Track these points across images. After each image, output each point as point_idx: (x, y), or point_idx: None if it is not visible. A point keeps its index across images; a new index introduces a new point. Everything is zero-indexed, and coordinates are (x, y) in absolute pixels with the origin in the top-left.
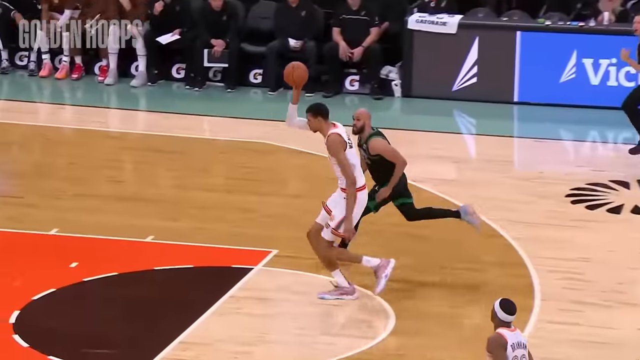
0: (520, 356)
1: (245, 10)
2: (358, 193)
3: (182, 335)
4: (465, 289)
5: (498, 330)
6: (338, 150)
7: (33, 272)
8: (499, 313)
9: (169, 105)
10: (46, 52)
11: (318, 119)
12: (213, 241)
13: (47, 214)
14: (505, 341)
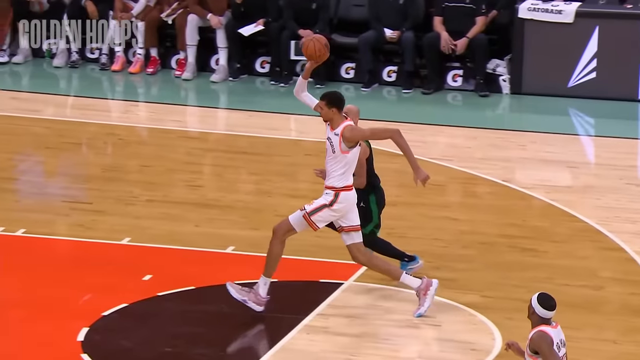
0: (562, 355)
1: None
2: (345, 192)
3: (266, 356)
4: (581, 308)
5: (541, 327)
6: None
7: (103, 285)
8: (538, 309)
9: (252, 103)
10: (119, 44)
11: (333, 110)
12: (299, 253)
13: (118, 221)
14: (551, 339)
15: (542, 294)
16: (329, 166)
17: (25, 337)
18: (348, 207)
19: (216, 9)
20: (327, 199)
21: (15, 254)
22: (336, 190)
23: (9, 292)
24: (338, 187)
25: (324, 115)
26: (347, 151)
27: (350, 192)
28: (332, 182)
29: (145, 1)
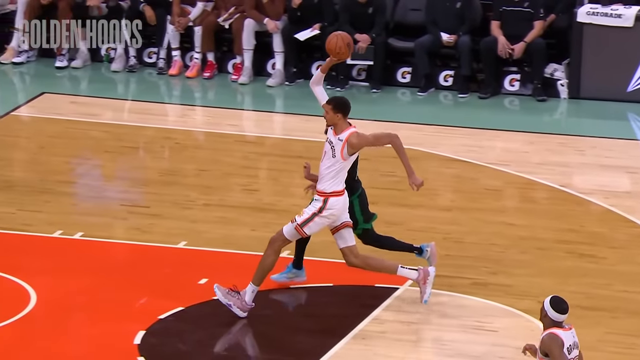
0: (573, 357)
1: (393, 2)
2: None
3: None
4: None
5: (552, 330)
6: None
7: (159, 289)
8: (550, 312)
9: (308, 107)
10: (176, 49)
11: (338, 115)
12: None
13: (174, 225)
14: (561, 341)
15: (554, 297)
16: (323, 169)
17: (83, 339)
18: (339, 212)
19: (273, 14)
20: (316, 205)
21: (73, 257)
22: (325, 196)
23: (68, 295)
24: (328, 192)
25: (328, 119)
26: (347, 158)
27: (340, 197)
28: (323, 187)
29: (202, 6)
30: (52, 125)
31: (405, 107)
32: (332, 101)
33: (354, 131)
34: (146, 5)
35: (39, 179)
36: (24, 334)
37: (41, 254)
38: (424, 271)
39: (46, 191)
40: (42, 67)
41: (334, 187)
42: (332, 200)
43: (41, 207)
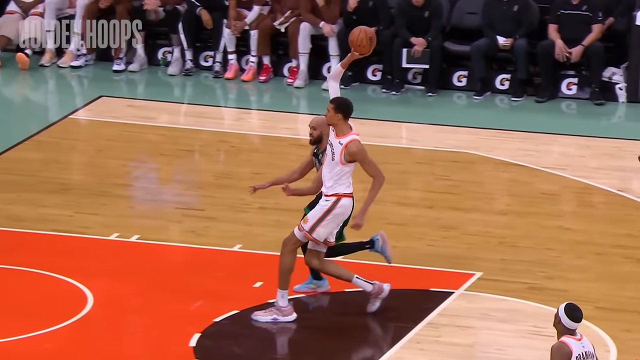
0: None
1: (449, 6)
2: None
3: None
4: None
5: (562, 338)
6: (365, 156)
7: (215, 292)
8: (564, 319)
9: (363, 111)
10: (233, 52)
11: (338, 115)
12: (410, 261)
13: (229, 228)
14: (570, 351)
15: (569, 304)
16: (326, 173)
17: (139, 341)
18: (347, 214)
19: (329, 17)
20: (323, 208)
21: (129, 259)
22: (337, 197)
23: (124, 297)
24: (340, 193)
25: (328, 119)
26: (345, 164)
27: (349, 199)
28: (335, 190)
29: (258, 10)
30: (109, 129)
31: (461, 111)
32: (334, 101)
33: (356, 139)
34: (203, 9)
35: (96, 182)
36: (81, 335)
37: (98, 257)
38: (378, 287)
39: (103, 194)
40: (100, 71)
41: (344, 189)
42: (344, 201)
43: (98, 209)
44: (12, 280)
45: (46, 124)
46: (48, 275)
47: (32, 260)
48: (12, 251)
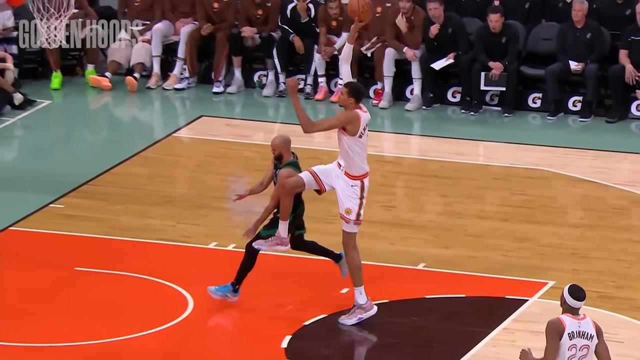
0: (580, 346)
1: (525, 32)
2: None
3: None
4: None
5: (560, 315)
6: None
7: (304, 297)
8: (568, 299)
9: (443, 130)
10: (322, 76)
11: (351, 99)
12: (486, 270)
13: (319, 239)
14: (562, 328)
15: (573, 285)
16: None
17: (235, 342)
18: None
19: (411, 43)
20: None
21: (226, 266)
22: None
23: (221, 301)
24: (360, 175)
25: (342, 101)
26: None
27: (366, 178)
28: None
29: (347, 36)
30: (209, 146)
31: (535, 131)
32: (349, 85)
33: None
34: (295, 36)
35: (196, 195)
36: (181, 336)
37: (198, 264)
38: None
39: (203, 206)
40: (201, 93)
41: (362, 169)
42: (365, 182)
43: (198, 220)
44: (121, 284)
45: (152, 141)
46: (153, 280)
47: (139, 267)
48: (121, 258)
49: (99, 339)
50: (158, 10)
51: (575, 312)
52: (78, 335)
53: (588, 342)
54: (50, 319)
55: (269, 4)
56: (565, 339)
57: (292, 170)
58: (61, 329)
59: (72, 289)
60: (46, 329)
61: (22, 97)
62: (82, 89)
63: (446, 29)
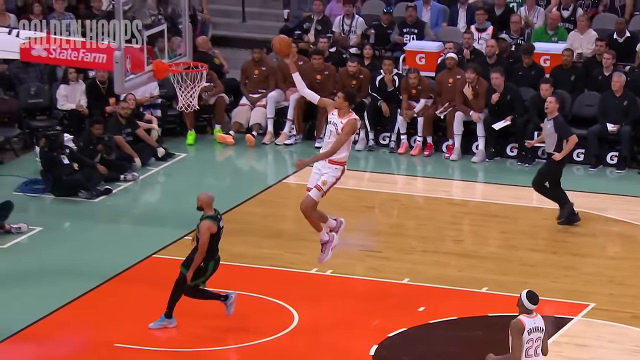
0: (535, 338)
1: (571, 100)
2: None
3: None
4: None
5: (519, 317)
6: (349, 132)
7: (389, 313)
8: (525, 303)
9: (503, 178)
10: (404, 134)
11: (346, 103)
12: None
13: (400, 266)
14: (523, 327)
15: (529, 291)
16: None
17: (332, 350)
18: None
19: (477, 108)
20: (337, 173)
21: (325, 288)
22: (341, 164)
23: (321, 316)
24: (342, 161)
25: (338, 104)
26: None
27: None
28: (337, 157)
29: (424, 102)
30: None
31: (579, 180)
32: (345, 91)
33: (354, 118)
34: (383, 102)
35: (301, 230)
36: (288, 345)
37: (302, 285)
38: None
39: (305, 239)
40: (305, 147)
41: (345, 157)
42: (344, 167)
43: (302, 250)
44: (239, 301)
45: (265, 186)
46: (264, 298)
47: (253, 287)
48: (239, 280)
49: (221, 346)
50: (272, 81)
51: (530, 312)
52: (205, 342)
53: (541, 334)
54: (181, 327)
55: (361, 75)
56: (525, 335)
57: (211, 223)
58: (189, 336)
59: (198, 304)
60: (176, 336)
61: (164, 151)
62: (211, 144)
63: (505, 96)
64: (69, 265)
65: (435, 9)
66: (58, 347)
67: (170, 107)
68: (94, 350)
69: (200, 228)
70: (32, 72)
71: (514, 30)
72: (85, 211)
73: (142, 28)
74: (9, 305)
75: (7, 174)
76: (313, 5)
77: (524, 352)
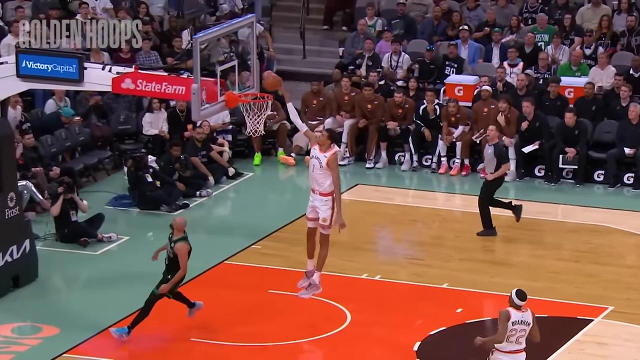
0: (519, 329)
1: (592, 127)
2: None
3: None
4: None
5: (508, 308)
6: (336, 166)
7: (430, 314)
8: (515, 299)
9: (531, 196)
10: (444, 156)
11: (329, 141)
12: (562, 297)
13: (440, 273)
14: (509, 316)
15: (518, 290)
16: (320, 178)
17: (379, 346)
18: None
19: (509, 133)
20: (329, 204)
21: (373, 291)
22: (331, 195)
23: (372, 316)
24: (329, 192)
25: (321, 141)
26: (327, 168)
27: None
28: (326, 189)
29: (462, 128)
30: (363, 205)
31: (599, 197)
32: (329, 131)
33: (337, 150)
34: (426, 129)
35: (352, 240)
36: (340, 341)
37: (353, 289)
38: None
39: (357, 248)
40: (357, 168)
41: (330, 189)
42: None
43: (354, 258)
44: (299, 303)
45: None
46: (322, 300)
47: None
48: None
49: (285, 341)
50: (328, 109)
51: (519, 307)
52: (271, 338)
53: (526, 328)
54: (250, 324)
55: (406, 105)
56: (509, 325)
57: (186, 244)
58: (258, 333)
59: (264, 305)
60: (247, 332)
61: (234, 170)
62: (275, 165)
63: (535, 122)
64: (152, 269)
65: (473, 47)
66: (141, 341)
67: (240, 132)
68: (172, 343)
69: (179, 250)
70: (121, 102)
71: (541, 66)
72: (166, 222)
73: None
74: (100, 304)
75: (100, 190)
76: (365, 44)
77: (506, 337)
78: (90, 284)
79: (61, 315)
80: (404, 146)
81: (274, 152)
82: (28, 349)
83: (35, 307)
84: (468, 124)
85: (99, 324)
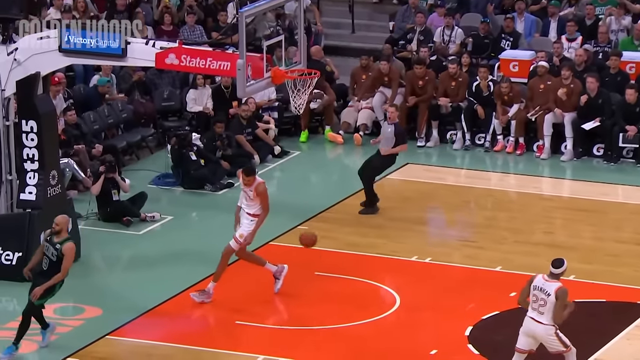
0: (539, 298)
1: None
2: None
3: (597, 353)
4: None
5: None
6: (265, 193)
7: (483, 298)
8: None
9: (590, 176)
10: (499, 134)
11: (248, 178)
12: (622, 282)
13: (494, 255)
14: (533, 279)
15: (556, 258)
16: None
17: (430, 331)
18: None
19: (567, 109)
20: (252, 225)
21: (424, 274)
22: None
23: (421, 299)
24: (258, 214)
25: (246, 182)
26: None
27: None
28: (254, 212)
29: (517, 106)
30: (413, 185)
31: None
32: (242, 169)
33: (262, 182)
34: (479, 105)
35: (402, 221)
36: (390, 325)
37: (403, 272)
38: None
39: (408, 229)
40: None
41: (257, 211)
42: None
43: (404, 240)
44: (348, 285)
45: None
46: (370, 283)
47: (360, 273)
48: (349, 267)
49: (335, 324)
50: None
51: (551, 275)
52: (320, 321)
53: (545, 297)
54: (298, 308)
55: (460, 78)
56: (530, 288)
57: (73, 244)
58: (305, 316)
59: (311, 287)
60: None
61: (280, 149)
62: (322, 142)
63: (597, 99)
64: (195, 249)
65: (529, 20)
66: (186, 323)
67: (287, 110)
68: (217, 327)
69: (66, 251)
70: (165, 78)
71: (601, 40)
72: (210, 202)
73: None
74: (144, 285)
75: (143, 169)
76: (416, 18)
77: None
78: (133, 265)
79: (104, 296)
80: (456, 124)
81: (321, 130)
82: (71, 329)
83: (78, 287)
84: (522, 101)
85: (142, 305)
